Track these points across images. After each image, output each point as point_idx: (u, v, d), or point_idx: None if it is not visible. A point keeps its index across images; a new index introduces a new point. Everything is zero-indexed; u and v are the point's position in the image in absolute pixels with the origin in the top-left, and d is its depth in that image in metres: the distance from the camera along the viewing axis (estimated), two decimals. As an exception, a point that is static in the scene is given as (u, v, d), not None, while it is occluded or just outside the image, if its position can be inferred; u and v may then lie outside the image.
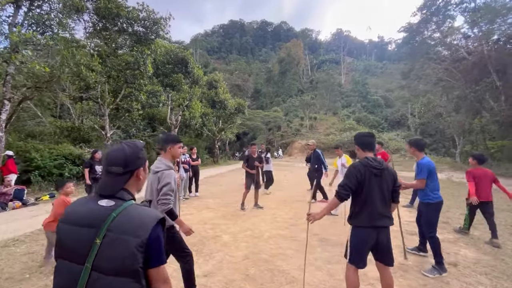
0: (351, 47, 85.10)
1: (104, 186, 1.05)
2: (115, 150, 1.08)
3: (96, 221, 0.95)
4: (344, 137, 30.78)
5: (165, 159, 2.50)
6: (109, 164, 1.05)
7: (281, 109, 45.12)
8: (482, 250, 3.95)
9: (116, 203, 1.00)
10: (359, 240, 2.40)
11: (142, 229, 0.93)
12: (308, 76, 68.10)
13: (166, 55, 15.83)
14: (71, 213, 1.02)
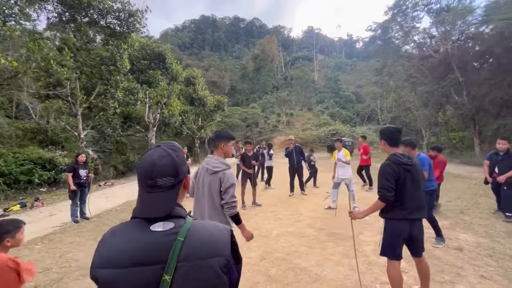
0: (322, 44, 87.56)
1: (153, 205, 0.78)
2: (161, 157, 0.81)
3: (158, 254, 0.72)
4: (321, 132, 31.71)
5: (219, 157, 2.31)
6: (157, 175, 0.79)
7: (258, 106, 45.18)
8: (478, 233, 4.27)
9: (175, 223, 0.78)
10: (394, 233, 2.43)
11: (221, 246, 0.78)
12: (282, 72, 68.87)
13: (142, 50, 14.97)
14: (115, 252, 0.73)
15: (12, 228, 1.67)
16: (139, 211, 0.80)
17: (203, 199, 2.30)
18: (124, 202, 7.35)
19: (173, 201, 0.82)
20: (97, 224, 5.48)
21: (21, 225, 1.74)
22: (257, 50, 63.79)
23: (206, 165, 2.31)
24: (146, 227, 0.76)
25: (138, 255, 0.72)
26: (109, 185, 10.58)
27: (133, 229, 0.78)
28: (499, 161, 4.88)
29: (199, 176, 2.38)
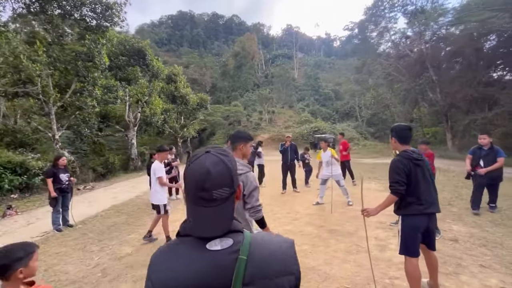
0: (301, 43, 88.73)
1: (211, 222, 0.67)
2: (215, 164, 0.69)
3: (220, 277, 0.62)
4: (303, 129, 32.14)
5: (239, 158, 2.19)
6: (213, 187, 0.67)
7: (240, 104, 44.93)
8: (468, 224, 4.50)
9: (234, 239, 0.67)
10: (412, 228, 2.45)
11: (290, 262, 0.69)
12: (263, 70, 68.96)
13: (120, 45, 14.22)
14: (171, 280, 0.62)
15: (24, 254, 1.38)
16: (194, 229, 0.67)
17: None
18: (109, 206, 6.93)
19: (231, 215, 0.71)
20: (83, 232, 5.10)
21: (35, 250, 1.46)
22: (237, 48, 63.28)
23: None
24: (201, 246, 0.66)
25: (198, 281, 0.62)
26: (89, 188, 9.96)
27: (187, 250, 0.66)
28: (483, 156, 4.99)
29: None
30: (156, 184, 4.30)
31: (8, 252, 1.36)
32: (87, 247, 4.33)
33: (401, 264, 3.28)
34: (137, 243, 4.40)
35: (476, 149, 5.19)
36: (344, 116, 47.12)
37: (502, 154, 4.87)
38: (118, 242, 4.47)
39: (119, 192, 8.98)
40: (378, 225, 4.68)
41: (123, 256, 3.92)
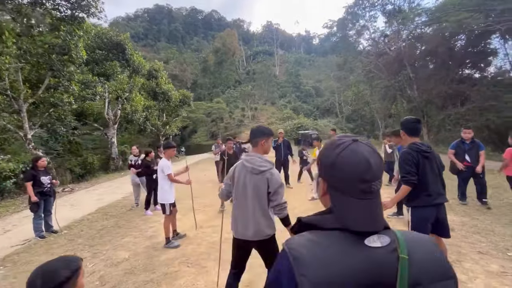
0: (282, 40, 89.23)
1: (371, 215, 0.63)
2: (371, 154, 0.65)
3: (383, 277, 0.57)
4: (287, 125, 32.45)
5: (261, 155, 2.10)
6: (373, 178, 0.63)
7: (223, 100, 44.40)
8: (459, 213, 4.74)
9: (390, 237, 0.62)
10: (421, 219, 2.51)
11: (448, 265, 0.63)
12: (244, 67, 68.65)
13: (97, 38, 13.40)
14: (334, 277, 0.56)
15: (71, 273, 1.17)
16: (353, 223, 0.62)
17: (247, 201, 2.10)
18: (95, 209, 6.52)
19: (381, 207, 0.67)
20: (70, 238, 4.74)
21: (80, 264, 1.25)
22: (218, 44, 62.41)
23: (248, 164, 2.08)
24: (359, 241, 0.60)
25: (358, 279, 0.56)
26: (69, 191, 9.33)
27: (342, 245, 0.60)
28: (467, 150, 5.05)
29: (238, 176, 2.14)
30: (164, 183, 4.14)
31: (52, 274, 1.14)
32: (77, 254, 4.01)
33: None
34: (133, 247, 4.16)
35: (458, 144, 5.21)
36: (325, 113, 48.25)
37: (483, 147, 5.08)
38: (112, 247, 4.20)
39: (103, 194, 8.49)
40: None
41: (120, 261, 3.68)
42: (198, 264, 3.51)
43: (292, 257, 0.60)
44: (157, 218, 5.61)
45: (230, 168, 2.31)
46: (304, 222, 0.68)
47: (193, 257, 3.69)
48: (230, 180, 2.24)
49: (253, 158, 2.10)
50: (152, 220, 5.46)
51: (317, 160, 0.76)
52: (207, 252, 3.86)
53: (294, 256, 0.60)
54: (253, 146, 2.19)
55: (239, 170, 2.16)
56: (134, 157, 6.58)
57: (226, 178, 2.32)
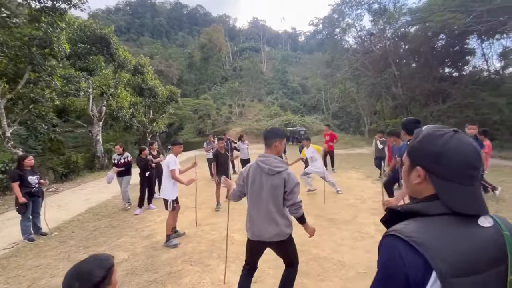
0: (268, 36, 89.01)
1: (480, 200, 0.69)
2: (475, 144, 0.70)
3: (496, 251, 0.65)
4: (275, 122, 32.55)
5: (275, 155, 2.08)
6: (479, 165, 0.70)
7: (210, 97, 43.85)
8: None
9: (490, 217, 0.70)
10: None
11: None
12: (230, 63, 67.98)
13: (80, 31, 12.79)
14: (462, 256, 0.62)
15: (106, 272, 1.14)
16: (465, 207, 0.67)
17: (263, 202, 2.10)
18: (85, 210, 6.28)
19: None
20: (61, 240, 4.54)
21: (113, 262, 1.22)
22: (204, 39, 61.41)
23: (264, 165, 2.09)
24: (473, 223, 0.68)
25: (484, 256, 0.64)
26: (53, 191, 8.91)
27: (461, 227, 0.66)
28: None
29: (253, 177, 2.13)
30: (167, 178, 4.12)
31: (88, 275, 1.11)
32: (72, 256, 3.87)
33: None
34: (131, 247, 4.05)
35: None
36: (311, 109, 48.79)
37: (483, 146, 5.24)
38: (108, 248, 4.07)
39: (91, 193, 8.20)
40: (372, 211, 4.93)
41: (119, 262, 3.57)
42: (202, 262, 3.47)
43: (415, 243, 0.62)
44: (152, 217, 5.50)
45: (242, 169, 2.31)
46: (404, 211, 0.73)
47: (195, 256, 3.65)
48: (243, 181, 2.21)
49: (268, 159, 2.10)
50: (147, 220, 5.33)
51: (407, 153, 0.80)
52: (208, 250, 3.83)
53: (417, 242, 0.62)
54: (266, 147, 2.19)
55: (253, 171, 2.15)
56: (118, 155, 6.27)
57: (238, 179, 2.30)
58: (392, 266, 0.66)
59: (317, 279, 2.92)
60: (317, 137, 29.71)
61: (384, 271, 0.69)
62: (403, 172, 0.83)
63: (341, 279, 2.89)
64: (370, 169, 8.86)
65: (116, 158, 6.23)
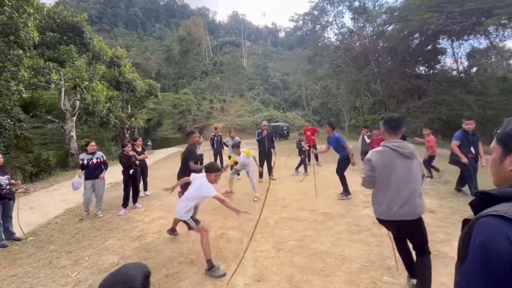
0: (249, 31, 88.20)
1: None
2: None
3: None
4: (257, 117, 32.48)
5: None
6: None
7: (191, 92, 42.74)
8: (434, 196, 5.18)
9: None
10: None
11: None
12: (210, 57, 66.60)
13: (48, 18, 11.78)
14: None
15: (145, 279, 1.04)
16: None
17: (405, 185, 2.22)
18: (62, 211, 5.81)
19: None
20: (38, 245, 4.15)
21: (148, 268, 1.12)
22: (183, 32, 59.50)
23: (400, 149, 2.23)
24: None
25: None
26: (23, 191, 8.13)
27: None
28: (473, 142, 4.95)
29: (391, 161, 2.24)
30: (189, 200, 3.36)
31: (130, 284, 0.99)
32: (54, 263, 3.54)
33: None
34: (121, 250, 3.79)
35: (463, 134, 5.01)
36: (292, 105, 49.27)
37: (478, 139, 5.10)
38: (94, 252, 3.77)
39: (67, 194, 7.61)
40: (365, 204, 5.02)
41: (109, 267, 3.32)
42: (200, 263, 3.31)
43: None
44: (140, 217, 5.21)
45: (368, 156, 2.37)
46: (500, 195, 0.71)
47: (192, 256, 3.48)
48: (373, 167, 2.30)
49: (402, 143, 2.26)
50: (135, 220, 5.04)
51: (498, 141, 0.80)
52: (205, 249, 3.67)
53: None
54: (394, 134, 2.34)
55: (388, 156, 2.25)
56: (89, 155, 5.26)
57: (365, 167, 2.38)
58: (495, 248, 0.61)
59: (322, 274, 2.89)
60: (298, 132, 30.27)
61: (483, 253, 0.64)
62: (491, 162, 0.80)
63: (345, 273, 2.88)
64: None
65: (86, 158, 5.24)
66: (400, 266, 2.90)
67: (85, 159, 5.28)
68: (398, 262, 2.90)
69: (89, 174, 5.30)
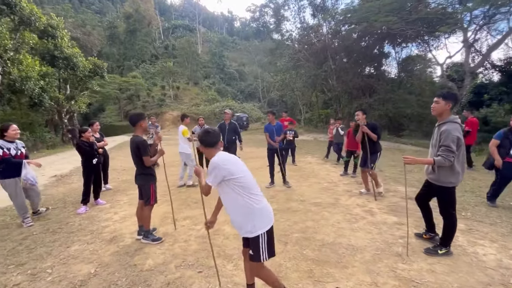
0: (204, 17, 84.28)
1: None
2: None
3: None
4: (215, 107, 31.53)
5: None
6: None
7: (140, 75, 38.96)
8: (415, 185, 5.62)
9: None
10: None
11: None
12: (161, 40, 61.74)
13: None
14: None
15: None
16: None
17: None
18: None
19: None
20: (-32, 258, 3.12)
21: None
22: (129, 9, 53.50)
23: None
24: None
25: None
26: None
27: None
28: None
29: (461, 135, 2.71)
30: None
31: None
32: (1, 282, 2.68)
33: (397, 225, 3.75)
34: (94, 256, 3.10)
35: (506, 133, 4.26)
36: (248, 97, 49.24)
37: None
38: (58, 262, 3.00)
39: None
40: (349, 193, 5.16)
41: (85, 279, 2.66)
42: (202, 264, 2.90)
43: None
44: (106, 215, 4.42)
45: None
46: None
47: (189, 258, 3.03)
48: (459, 146, 2.71)
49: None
50: (101, 219, 4.24)
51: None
52: (202, 248, 3.24)
53: None
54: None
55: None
56: (9, 143, 3.86)
57: (456, 146, 2.67)
58: None
59: (339, 266, 2.79)
60: (257, 124, 30.39)
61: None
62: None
63: (361, 263, 2.84)
64: (323, 154, 9.44)
65: (6, 147, 3.79)
66: (409, 252, 3.01)
67: (4, 147, 3.78)
68: (408, 248, 2.99)
69: (14, 170, 3.86)
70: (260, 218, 1.96)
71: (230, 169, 1.92)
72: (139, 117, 3.26)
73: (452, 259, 2.88)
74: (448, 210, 2.93)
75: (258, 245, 1.93)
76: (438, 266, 2.75)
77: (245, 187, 1.95)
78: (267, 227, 1.97)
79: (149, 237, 3.43)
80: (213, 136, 2.08)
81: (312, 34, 22.49)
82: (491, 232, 3.50)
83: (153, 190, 3.40)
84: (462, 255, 2.97)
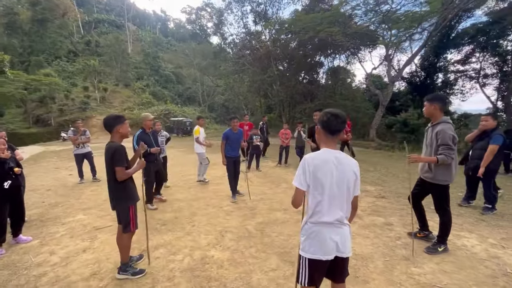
0: (134, 14, 77.14)
1: None
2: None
3: None
4: (153, 111, 28.85)
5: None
6: None
7: (55, 73, 32.74)
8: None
9: None
10: None
11: None
12: (81, 35, 53.73)
13: None
14: None
15: None
16: None
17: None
18: None
19: None
20: None
21: None
22: (37, -7, 44.75)
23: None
24: None
25: None
26: None
27: None
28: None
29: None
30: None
31: None
32: None
33: (387, 226, 3.78)
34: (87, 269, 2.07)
35: (504, 138, 4.05)
36: (187, 101, 47.08)
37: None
38: None
39: None
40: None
41: None
42: None
43: None
44: (37, 257, 3.19)
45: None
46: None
47: None
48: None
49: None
50: (31, 265, 3.01)
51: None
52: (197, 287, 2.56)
53: None
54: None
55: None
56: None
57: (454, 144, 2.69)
58: None
59: (360, 281, 2.55)
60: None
61: None
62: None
63: (378, 274, 2.66)
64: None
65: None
66: (414, 253, 2.99)
67: None
68: (412, 250, 2.97)
69: None
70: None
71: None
72: (116, 121, 2.54)
73: (451, 255, 2.98)
74: (444, 206, 3.03)
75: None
76: (446, 265, 2.79)
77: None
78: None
79: (127, 270, 2.59)
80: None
81: (254, 40, 22.88)
82: (464, 223, 3.85)
83: (133, 213, 2.64)
84: (456, 249, 3.12)
